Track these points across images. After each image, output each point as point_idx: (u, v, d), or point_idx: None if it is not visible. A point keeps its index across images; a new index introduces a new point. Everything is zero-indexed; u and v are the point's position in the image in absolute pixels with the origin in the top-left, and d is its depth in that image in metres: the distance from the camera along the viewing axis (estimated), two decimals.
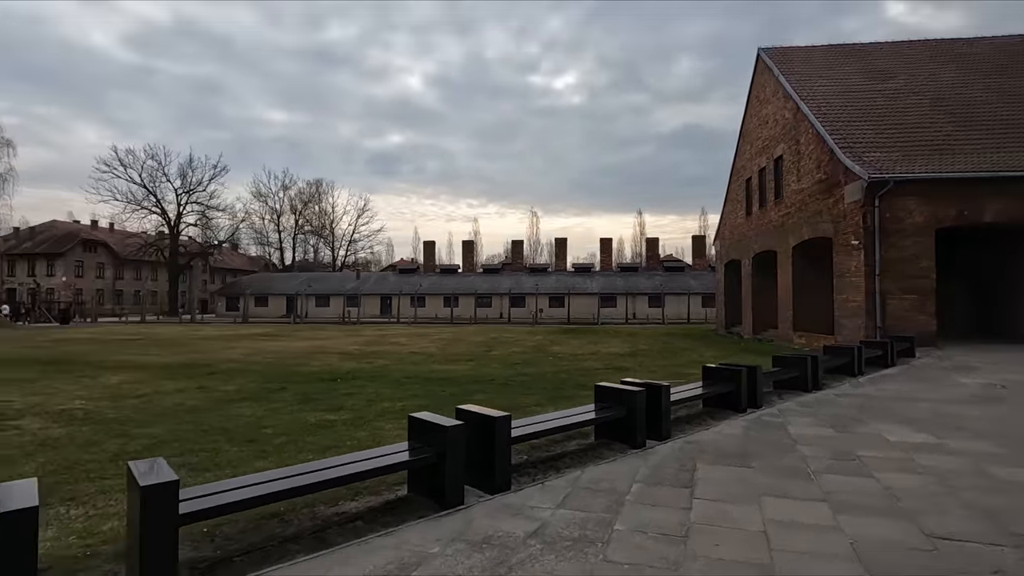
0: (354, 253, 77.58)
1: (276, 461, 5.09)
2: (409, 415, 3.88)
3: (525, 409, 7.50)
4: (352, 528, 3.20)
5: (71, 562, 2.84)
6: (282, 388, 9.74)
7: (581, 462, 4.54)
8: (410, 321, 43.31)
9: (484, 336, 24.98)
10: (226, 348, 18.66)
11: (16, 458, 5.37)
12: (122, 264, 61.10)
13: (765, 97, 21.23)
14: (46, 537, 3.29)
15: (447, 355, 15.99)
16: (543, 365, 13.34)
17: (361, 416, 7.27)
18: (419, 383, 10.29)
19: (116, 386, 10.05)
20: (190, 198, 59.26)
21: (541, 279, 52.36)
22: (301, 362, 14.10)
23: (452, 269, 61.00)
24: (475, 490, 3.71)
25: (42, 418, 7.24)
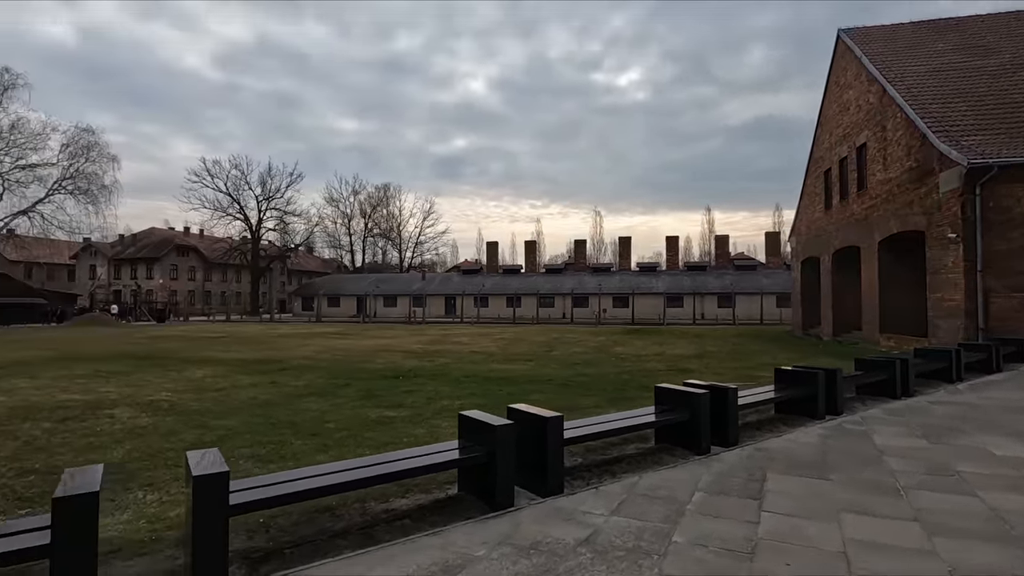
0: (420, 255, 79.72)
1: (336, 455, 5.21)
2: (459, 413, 3.82)
3: (583, 410, 7.31)
4: (400, 526, 3.17)
5: (138, 545, 2.98)
6: (347, 384, 10.04)
7: (639, 467, 4.32)
8: (473, 321, 43.86)
9: (546, 336, 24.83)
10: (299, 346, 19.57)
11: (108, 444, 5.80)
12: (210, 267, 65.80)
13: (846, 82, 19.78)
14: (121, 520, 3.49)
15: (507, 354, 15.99)
16: (604, 366, 13.03)
17: (420, 413, 7.34)
18: (478, 382, 10.31)
19: (199, 380, 10.72)
20: (269, 204, 63.00)
21: (604, 279, 51.52)
22: (367, 359, 14.53)
23: (515, 269, 61.23)
24: (526, 492, 3.60)
25: (133, 408, 7.81)
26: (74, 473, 2.38)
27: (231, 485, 2.61)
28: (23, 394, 9.08)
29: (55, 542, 2.06)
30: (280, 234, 65.52)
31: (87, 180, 40.65)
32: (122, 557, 2.83)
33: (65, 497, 2.09)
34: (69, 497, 2.10)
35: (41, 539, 2.09)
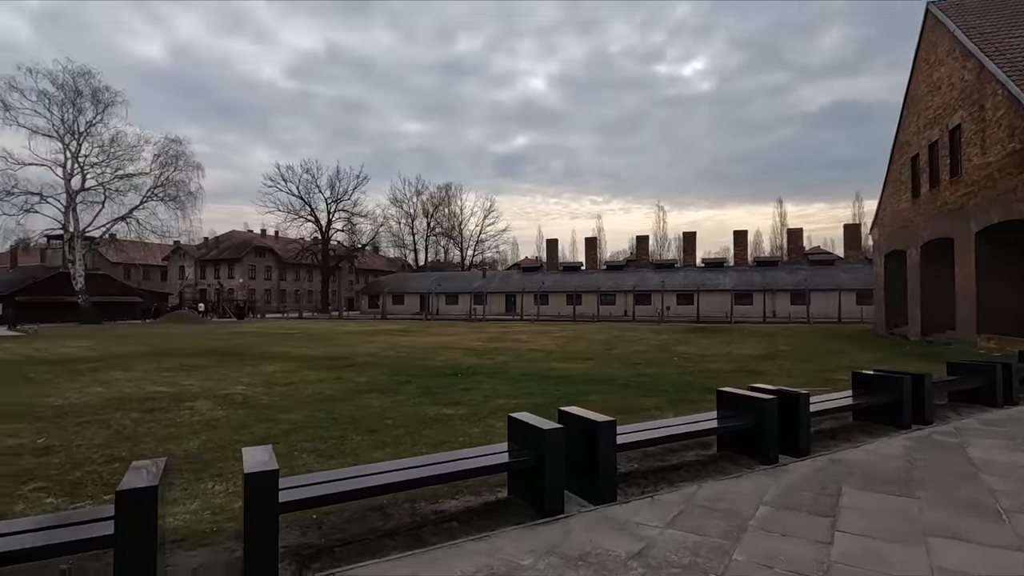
0: (481, 253, 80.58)
1: (392, 452, 5.29)
2: (509, 415, 3.76)
3: (642, 412, 7.09)
4: (447, 529, 3.15)
5: (200, 536, 3.12)
6: (407, 381, 10.24)
7: (699, 475, 4.09)
8: (533, 318, 43.86)
9: (606, 334, 24.41)
10: (364, 343, 20.25)
11: (186, 435, 6.18)
12: (285, 267, 69.49)
13: (937, 58, 18.12)
14: (189, 509, 3.68)
15: (566, 353, 15.82)
16: (666, 366, 12.61)
17: (476, 412, 7.36)
18: (535, 381, 10.24)
19: (271, 375, 11.29)
20: (338, 206, 65.64)
21: (668, 275, 50.07)
22: (427, 357, 14.80)
23: (575, 266, 60.67)
24: (577, 498, 3.48)
25: (210, 401, 8.30)
26: (139, 467, 2.51)
27: (282, 483, 2.67)
28: (118, 386, 9.89)
29: (118, 532, 2.18)
30: (348, 234, 68.16)
31: (176, 187, 43.95)
32: (185, 547, 2.97)
33: (128, 490, 2.20)
34: (131, 490, 2.20)
35: (106, 529, 2.21)
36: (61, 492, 4.19)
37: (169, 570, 2.67)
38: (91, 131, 40.68)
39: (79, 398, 8.57)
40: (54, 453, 5.38)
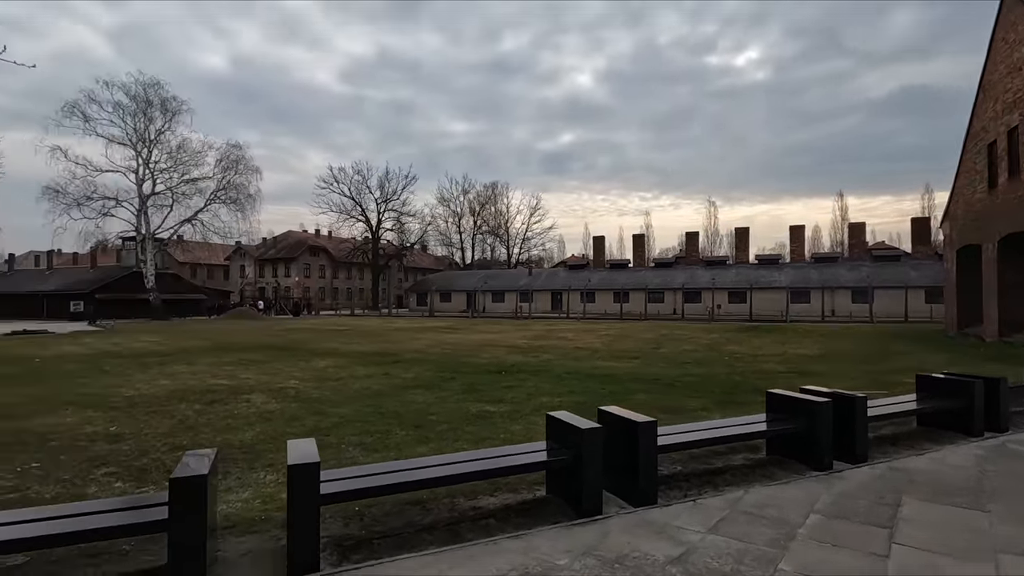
0: (527, 251, 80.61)
1: (435, 448, 5.37)
2: (547, 414, 3.73)
3: (688, 413, 6.91)
4: (484, 526, 3.16)
5: (250, 523, 3.26)
6: (452, 378, 10.37)
7: (746, 480, 3.95)
8: (579, 316, 43.54)
9: (653, 333, 23.95)
10: (412, 339, 20.65)
11: (242, 427, 6.48)
12: (337, 265, 71.76)
13: (1017, 38, 16.76)
14: (242, 497, 3.85)
15: (612, 351, 15.62)
16: (716, 366, 12.25)
17: (518, 410, 7.37)
18: (579, 379, 10.16)
19: (322, 370, 11.68)
20: (387, 206, 67.21)
21: (719, 273, 48.59)
22: (473, 354, 14.94)
23: (622, 264, 59.79)
24: (617, 499, 3.43)
25: (265, 394, 8.67)
26: (191, 456, 2.64)
27: (325, 475, 2.75)
28: (182, 378, 10.48)
29: (171, 518, 2.30)
30: (397, 234, 69.65)
31: (236, 190, 46.17)
32: (235, 533, 3.11)
33: (180, 478, 2.33)
34: (183, 478, 2.33)
35: (160, 514, 2.34)
36: (129, 477, 4.47)
37: (220, 555, 2.80)
38: (160, 139, 43.27)
39: (148, 389, 9.13)
40: (124, 440, 5.75)
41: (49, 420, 6.76)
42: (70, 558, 2.75)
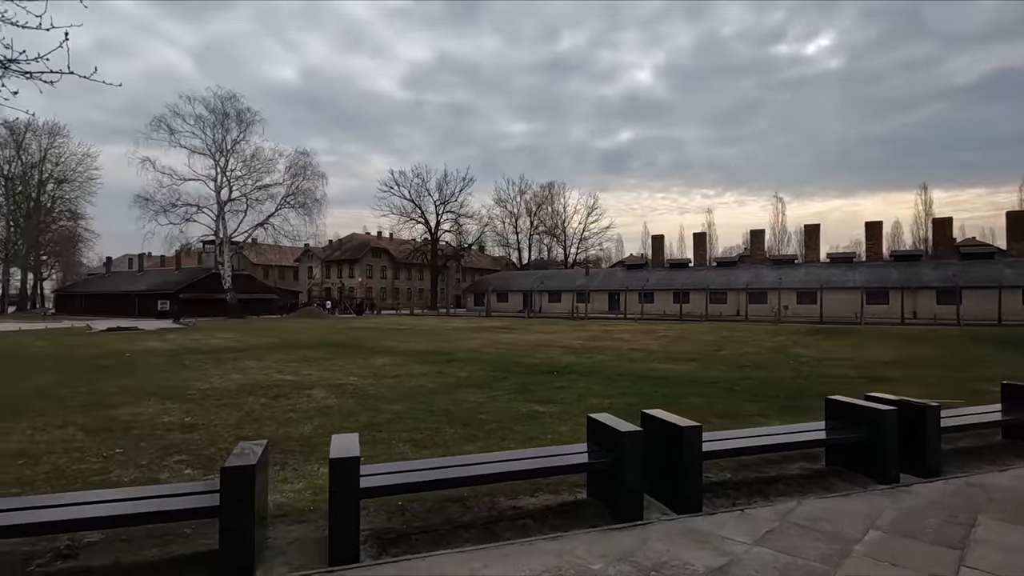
0: (584, 250, 79.90)
1: (482, 446, 5.43)
2: (588, 415, 3.69)
3: (745, 418, 6.64)
4: (522, 526, 3.17)
5: (300, 513, 3.42)
6: (504, 377, 10.44)
7: (800, 491, 3.74)
8: (637, 317, 42.70)
9: (714, 334, 23.14)
10: (467, 339, 20.94)
11: (302, 420, 6.80)
12: (398, 266, 73.90)
13: None
14: (295, 488, 4.04)
15: (669, 353, 15.23)
16: (779, 369, 11.69)
17: (568, 411, 7.33)
18: (632, 381, 9.98)
19: (379, 367, 12.06)
20: (445, 208, 68.49)
21: (786, 272, 46.28)
22: (526, 354, 14.98)
23: (683, 263, 58.12)
24: (659, 505, 3.34)
25: (325, 390, 9.05)
26: (243, 447, 2.81)
27: (367, 469, 2.85)
28: (251, 374, 11.11)
29: (222, 504, 2.46)
30: (455, 235, 70.86)
31: (304, 195, 48.60)
32: (286, 522, 3.27)
33: (230, 468, 2.48)
34: (233, 468, 2.48)
35: (213, 501, 2.50)
36: (198, 465, 4.79)
37: (270, 542, 2.96)
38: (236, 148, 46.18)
39: (220, 383, 9.74)
40: (196, 430, 6.17)
41: (134, 409, 7.35)
42: (138, 537, 2.99)
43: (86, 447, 5.34)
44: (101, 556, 2.82)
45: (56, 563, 2.75)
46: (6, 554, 2.84)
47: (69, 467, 4.68)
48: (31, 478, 4.36)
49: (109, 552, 2.86)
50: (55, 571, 2.69)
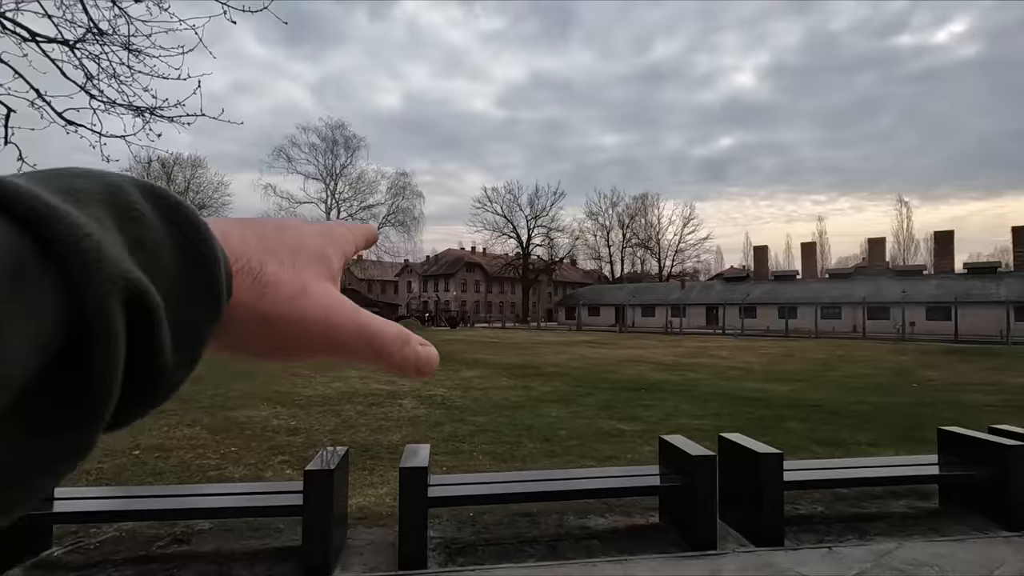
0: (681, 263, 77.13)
1: (560, 462, 5.45)
2: (660, 437, 3.59)
3: (851, 447, 6.09)
4: (587, 546, 3.14)
5: (379, 517, 3.63)
6: (589, 393, 10.34)
7: (903, 531, 3.37)
8: (737, 333, 40.33)
9: (825, 353, 21.30)
10: (556, 353, 20.94)
11: (392, 428, 7.19)
12: (491, 280, 75.69)
13: None
14: (378, 493, 4.29)
15: (770, 372, 14.26)
16: (899, 394, 10.54)
17: (652, 430, 7.11)
18: (726, 401, 9.48)
19: (468, 379, 12.41)
20: (537, 222, 69.35)
21: (912, 284, 41.57)
22: (614, 370, 14.71)
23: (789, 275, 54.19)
24: (737, 535, 3.17)
25: (415, 400, 9.49)
26: (326, 452, 3.05)
27: (439, 479, 2.99)
28: (351, 382, 11.89)
29: (304, 504, 2.69)
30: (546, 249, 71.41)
31: (403, 214, 51.60)
32: (366, 524, 3.49)
33: (311, 471, 2.72)
34: (315, 471, 2.72)
35: (297, 500, 2.75)
36: (297, 466, 5.23)
37: (349, 542, 3.18)
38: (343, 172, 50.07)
39: (323, 391, 10.54)
40: (299, 434, 6.73)
41: (250, 412, 8.16)
42: (239, 529, 3.34)
43: (208, 444, 6.02)
44: (208, 543, 3.19)
45: (172, 546, 3.15)
46: (138, 535, 3.30)
47: (193, 462, 5.30)
48: (163, 469, 5.01)
49: (215, 540, 3.23)
50: (171, 553, 3.08)
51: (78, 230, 0.16)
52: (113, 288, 0.17)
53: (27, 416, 0.16)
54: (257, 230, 0.27)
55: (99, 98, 4.76)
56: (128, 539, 3.23)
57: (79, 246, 0.16)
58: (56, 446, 0.17)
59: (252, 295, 0.25)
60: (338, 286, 0.30)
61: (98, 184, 0.20)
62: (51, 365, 0.16)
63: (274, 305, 0.25)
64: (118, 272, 0.17)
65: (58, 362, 0.16)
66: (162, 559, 2.98)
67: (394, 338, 0.28)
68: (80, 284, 0.16)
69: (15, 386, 0.15)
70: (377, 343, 0.27)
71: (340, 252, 0.32)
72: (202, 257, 0.21)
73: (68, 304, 0.16)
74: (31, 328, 0.15)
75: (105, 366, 0.17)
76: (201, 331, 0.22)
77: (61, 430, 0.17)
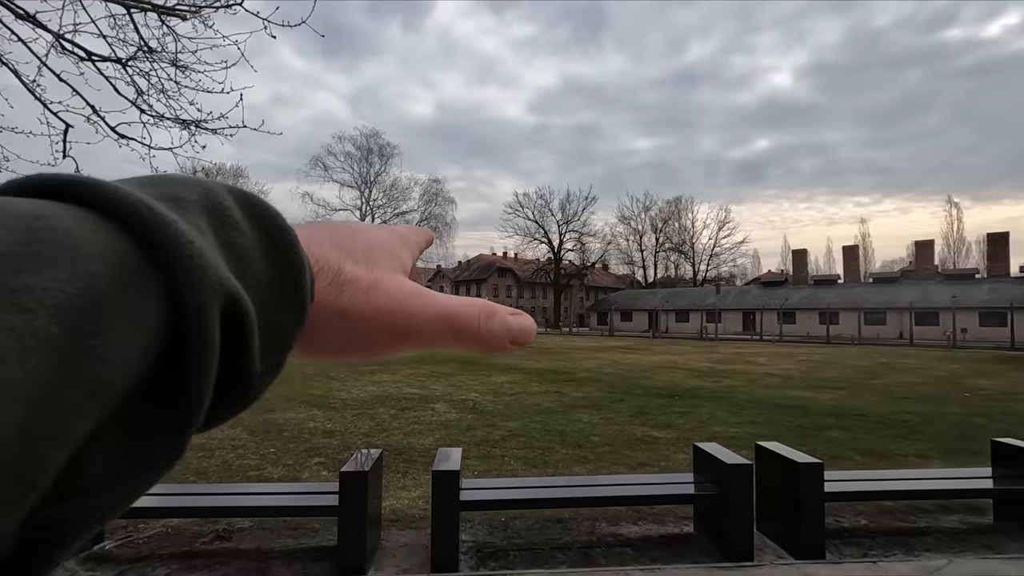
0: (716, 267, 75.67)
1: (591, 468, 5.41)
2: (694, 444, 3.52)
3: (897, 458, 5.85)
4: (619, 554, 3.11)
5: (412, 520, 3.67)
6: (621, 400, 10.23)
7: (954, 547, 3.22)
8: (775, 339, 39.22)
9: (868, 360, 20.52)
10: (588, 359, 20.78)
11: (424, 432, 7.27)
12: (522, 285, 75.78)
13: None
14: (412, 495, 4.34)
15: (810, 380, 13.82)
16: (948, 403, 10.06)
17: (686, 437, 6.99)
18: (764, 409, 9.23)
19: (500, 385, 12.44)
20: (568, 227, 69.13)
21: (964, 289, 39.68)
22: (647, 376, 14.51)
23: (830, 280, 52.43)
24: (775, 547, 3.08)
25: (448, 404, 9.56)
26: (360, 454, 3.12)
27: (468, 483, 3.01)
28: (385, 386, 12.08)
29: (340, 505, 2.75)
30: (578, 254, 71.11)
31: (435, 220, 52.26)
32: (399, 527, 3.54)
33: (346, 472, 2.78)
34: (350, 472, 2.77)
35: (333, 501, 2.81)
36: (332, 468, 5.34)
37: (383, 543, 3.23)
38: (378, 180, 51.05)
39: (358, 394, 10.73)
40: (334, 436, 6.87)
41: (287, 415, 8.37)
42: (278, 528, 3.43)
43: (248, 445, 6.21)
44: (248, 541, 3.29)
45: (215, 543, 3.26)
46: (183, 531, 3.43)
47: (234, 462, 5.48)
48: (205, 469, 5.18)
49: (255, 538, 3.33)
50: (213, 550, 3.19)
51: (182, 236, 0.17)
52: (213, 295, 0.17)
53: (129, 424, 0.16)
54: (332, 233, 0.29)
55: (149, 112, 5.00)
56: (173, 535, 3.36)
57: (183, 252, 0.16)
58: (154, 453, 0.17)
59: (331, 294, 0.26)
60: (411, 280, 0.30)
61: (197, 190, 0.20)
62: (150, 371, 0.16)
63: (351, 301, 0.26)
64: (217, 279, 0.17)
65: (156, 367, 0.16)
66: (205, 555, 3.09)
67: (477, 315, 0.28)
68: (182, 289, 0.16)
69: (119, 394, 0.15)
70: (457, 323, 0.27)
71: (409, 249, 0.33)
72: (289, 263, 0.22)
73: (169, 309, 0.16)
74: (135, 332, 0.15)
75: (202, 372, 0.17)
76: (287, 336, 0.22)
77: (159, 437, 0.17)
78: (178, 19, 4.65)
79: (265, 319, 0.20)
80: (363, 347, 0.27)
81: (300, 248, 0.23)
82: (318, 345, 0.27)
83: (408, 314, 0.27)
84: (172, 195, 0.19)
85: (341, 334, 0.26)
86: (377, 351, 0.28)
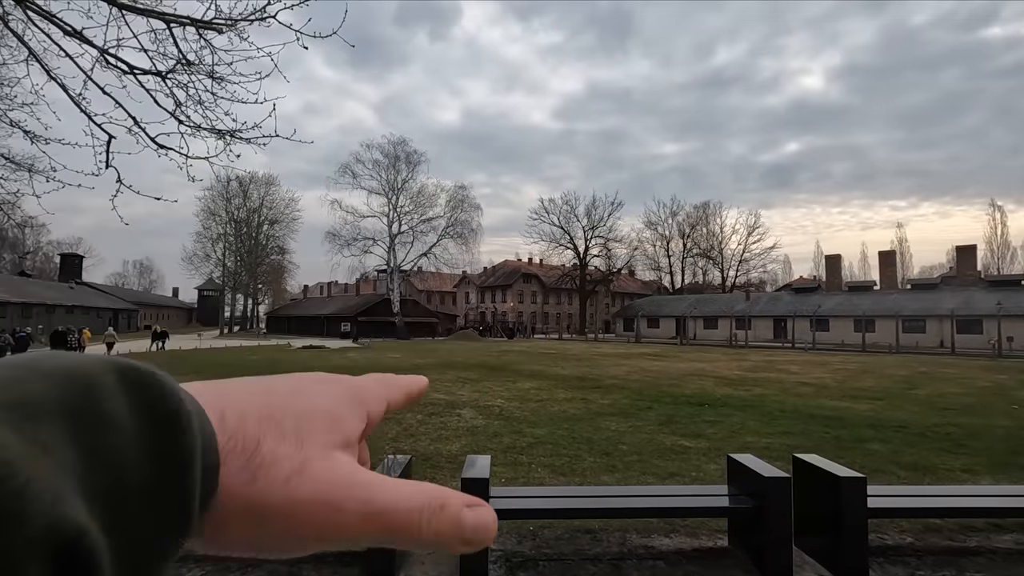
0: (745, 273, 74.23)
1: (620, 478, 5.32)
2: (728, 455, 3.43)
3: (942, 473, 5.60)
4: (651, 566, 3.03)
5: None
6: (649, 408, 10.08)
7: (1006, 569, 3.05)
8: (807, 347, 38.18)
9: (907, 369, 19.80)
10: (614, 365, 20.57)
11: (451, 437, 7.28)
12: (548, 291, 75.58)
13: None
14: None
15: (846, 389, 13.40)
16: (995, 415, 9.62)
17: (717, 447, 6.83)
18: (798, 419, 8.97)
19: (526, 391, 12.40)
20: (594, 233, 68.77)
21: (1009, 295, 38.02)
22: (675, 384, 14.28)
23: (866, 286, 50.88)
24: (815, 564, 2.97)
25: (474, 410, 9.57)
26: (388, 460, 3.12)
27: (494, 491, 2.98)
28: None
29: None
30: (604, 259, 70.63)
31: (461, 226, 52.73)
32: None
33: None
34: None
35: None
36: None
37: (410, 553, 3.22)
38: (404, 186, 51.72)
39: None
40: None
41: None
42: None
43: None
44: None
45: None
46: None
47: None
48: None
49: None
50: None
51: (5, 470, 0.14)
52: (31, 545, 0.14)
53: None
54: (266, 395, 0.24)
55: (186, 123, 5.14)
56: None
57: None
58: None
59: (241, 481, 0.21)
60: (355, 454, 0.24)
61: (58, 386, 0.17)
62: None
63: (265, 491, 0.21)
64: (44, 523, 0.14)
65: None
66: (238, 557, 3.13)
67: (419, 510, 0.22)
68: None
69: None
70: (394, 523, 0.22)
71: (361, 413, 0.26)
72: (172, 457, 0.19)
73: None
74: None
75: None
76: (166, 547, 0.19)
77: None
78: (215, 32, 4.78)
79: (136, 533, 0.17)
80: (275, 546, 0.22)
81: (189, 436, 0.19)
82: (221, 543, 0.22)
83: (334, 508, 0.21)
84: (21, 400, 0.16)
85: (248, 530, 0.22)
86: (292, 550, 0.23)
